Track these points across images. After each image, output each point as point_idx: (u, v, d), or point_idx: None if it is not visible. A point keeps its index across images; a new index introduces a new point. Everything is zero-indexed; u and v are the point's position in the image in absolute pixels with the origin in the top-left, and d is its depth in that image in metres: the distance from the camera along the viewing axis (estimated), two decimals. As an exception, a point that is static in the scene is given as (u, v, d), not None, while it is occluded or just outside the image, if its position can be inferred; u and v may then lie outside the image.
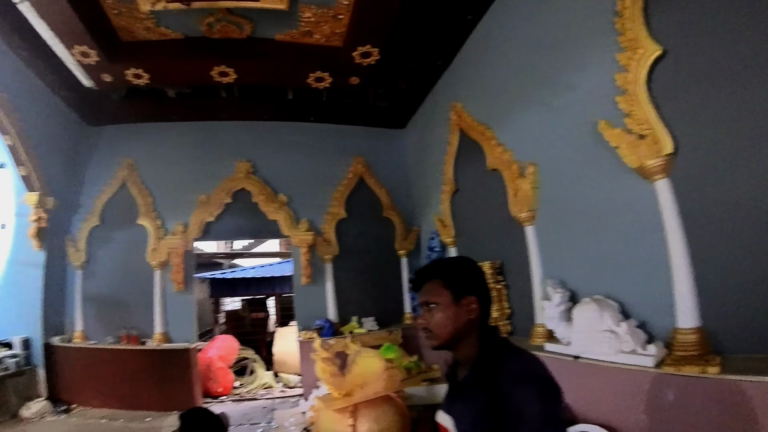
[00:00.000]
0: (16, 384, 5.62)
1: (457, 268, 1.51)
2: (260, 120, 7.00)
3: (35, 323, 5.98)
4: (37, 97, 5.80)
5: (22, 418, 5.48)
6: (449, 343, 1.43)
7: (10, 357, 5.65)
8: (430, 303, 1.45)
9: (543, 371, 1.28)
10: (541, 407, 1.17)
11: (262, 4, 4.86)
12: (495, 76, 4.57)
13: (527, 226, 3.94)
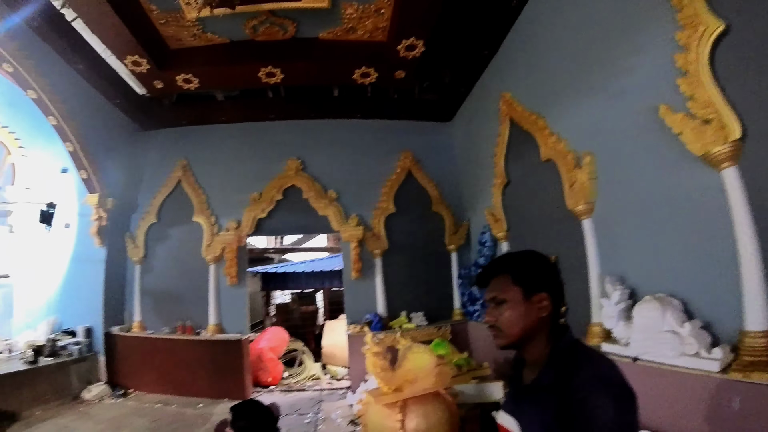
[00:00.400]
0: (78, 369, 6.18)
1: (528, 263, 1.40)
2: (307, 119, 7.13)
3: (97, 314, 6.55)
4: (94, 106, 6.23)
5: (83, 399, 6.01)
6: (518, 342, 1.34)
7: (74, 344, 6.24)
8: (498, 299, 1.36)
9: (619, 377, 1.18)
10: (615, 416, 1.08)
11: (304, 3, 4.92)
12: (545, 63, 4.34)
13: (584, 219, 3.72)
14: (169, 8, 4.91)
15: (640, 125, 3.04)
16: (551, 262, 1.44)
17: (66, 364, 5.93)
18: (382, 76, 5.93)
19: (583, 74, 3.75)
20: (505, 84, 5.15)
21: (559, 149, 4.01)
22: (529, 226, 4.90)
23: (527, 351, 1.36)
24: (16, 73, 5.04)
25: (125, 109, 6.72)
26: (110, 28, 4.78)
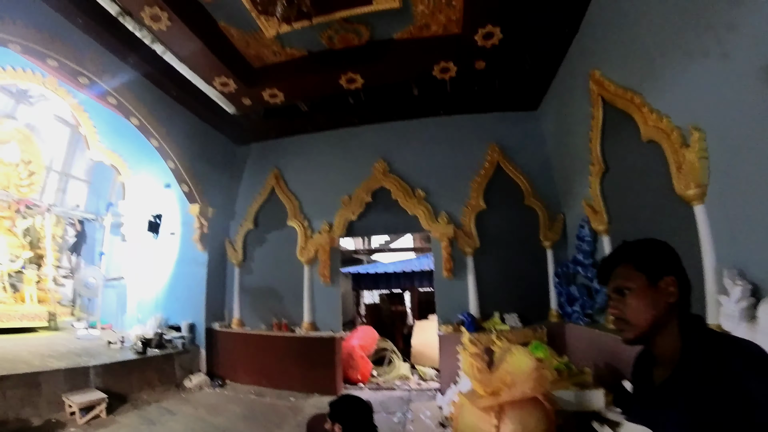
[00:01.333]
0: (181, 360, 6.87)
1: (649, 248, 1.31)
2: (390, 120, 7.20)
3: (200, 311, 7.31)
4: (190, 126, 6.96)
5: (185, 387, 6.66)
6: (647, 333, 1.24)
7: (179, 338, 7.01)
8: (622, 289, 1.28)
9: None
10: None
11: (376, 6, 4.93)
12: (633, 32, 3.85)
13: (696, 205, 3.22)
14: (248, 30, 5.26)
15: (753, 90, 2.55)
16: (673, 248, 1.31)
17: (171, 356, 6.67)
18: (462, 69, 5.73)
19: (677, 39, 3.26)
20: (593, 62, 4.66)
21: (662, 127, 3.51)
22: (632, 217, 4.37)
23: (657, 345, 1.26)
24: (120, 105, 5.89)
25: (218, 127, 7.43)
26: (197, 56, 5.31)
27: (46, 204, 8.37)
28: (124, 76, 5.67)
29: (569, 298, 5.74)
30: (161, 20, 4.69)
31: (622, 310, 1.26)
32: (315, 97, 6.69)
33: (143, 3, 4.48)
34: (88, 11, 4.73)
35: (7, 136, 7.95)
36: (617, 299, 1.29)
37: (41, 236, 8.38)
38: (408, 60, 5.70)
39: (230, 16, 5.14)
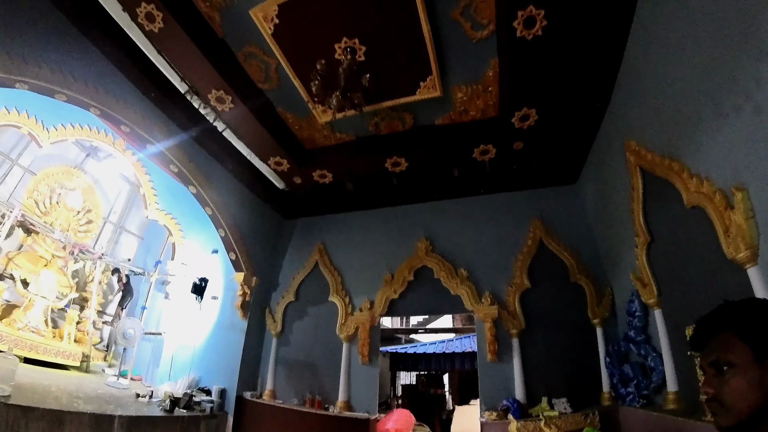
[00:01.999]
0: (208, 424, 6.64)
1: (758, 313, 1.10)
2: (432, 200, 7.40)
3: (232, 377, 7.18)
4: (242, 199, 7.47)
5: None
6: (749, 421, 1.03)
7: (208, 401, 6.81)
8: (720, 363, 1.08)
9: None
10: None
11: (419, 96, 5.40)
12: (665, 97, 3.90)
13: (749, 267, 2.99)
14: (303, 115, 5.86)
15: None
16: None
17: (198, 418, 6.46)
18: (501, 151, 5.98)
19: (708, 99, 3.27)
20: (627, 131, 4.71)
21: (704, 191, 3.40)
22: (684, 286, 4.07)
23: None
24: (180, 173, 6.46)
25: (268, 200, 7.97)
26: (255, 136, 5.92)
27: (99, 252, 8.90)
28: (187, 147, 6.35)
29: (622, 379, 5.15)
30: (225, 102, 5.35)
31: (719, 390, 1.07)
32: (361, 177, 7.09)
33: (210, 86, 5.19)
34: (162, 86, 5.48)
35: (74, 184, 8.78)
36: (713, 375, 1.10)
37: (89, 280, 8.86)
38: (449, 144, 6.03)
39: (287, 103, 5.78)
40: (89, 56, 5.07)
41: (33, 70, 4.51)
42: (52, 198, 8.31)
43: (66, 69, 4.83)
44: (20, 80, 4.48)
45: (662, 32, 3.75)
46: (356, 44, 4.88)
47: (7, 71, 4.29)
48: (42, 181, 8.13)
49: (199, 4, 4.67)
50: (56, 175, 8.43)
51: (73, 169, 8.80)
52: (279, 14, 4.59)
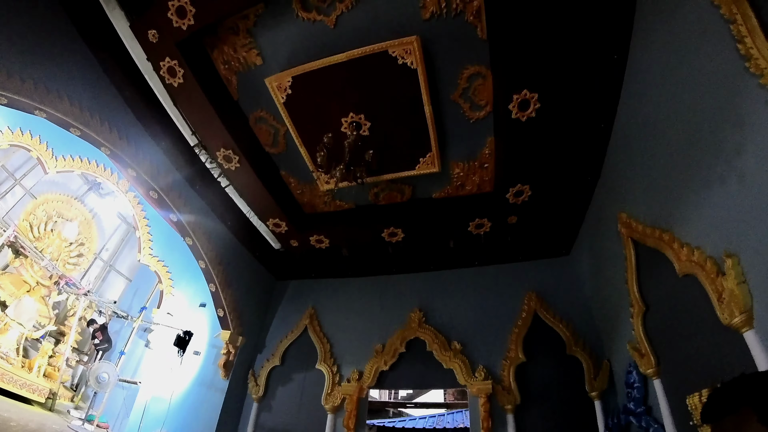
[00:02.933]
0: None
1: None
2: (427, 271, 7.43)
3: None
4: (237, 255, 7.43)
5: None
6: None
7: None
8: None
9: None
10: None
11: (419, 171, 5.68)
12: (654, 169, 4.19)
13: (745, 332, 3.05)
14: (305, 181, 6.06)
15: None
16: None
17: None
18: (496, 225, 6.19)
19: (694, 170, 3.53)
20: (618, 204, 4.95)
21: (695, 260, 3.55)
22: (682, 355, 4.06)
23: None
24: (178, 223, 6.52)
25: (262, 260, 7.94)
26: (257, 196, 6.10)
27: (85, 287, 8.50)
28: (189, 198, 6.48)
29: (623, 454, 4.95)
30: (232, 161, 5.56)
31: None
32: (357, 245, 7.18)
33: (220, 144, 5.42)
34: (173, 137, 5.76)
35: (72, 215, 8.61)
36: None
37: (69, 314, 8.41)
38: (445, 217, 6.23)
39: (292, 168, 6.01)
40: (109, 97, 5.37)
41: (53, 101, 4.75)
42: (48, 225, 8.18)
43: (85, 105, 5.09)
44: (40, 108, 4.69)
45: (648, 107, 4.10)
46: (362, 119, 5.23)
47: (29, 98, 4.51)
48: (41, 206, 8.05)
49: (219, 67, 5.05)
50: (56, 202, 8.37)
51: (73, 200, 8.75)
52: (292, 85, 4.96)
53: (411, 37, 4.41)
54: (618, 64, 4.35)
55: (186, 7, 4.36)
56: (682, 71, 3.47)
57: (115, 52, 4.98)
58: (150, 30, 4.64)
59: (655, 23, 3.79)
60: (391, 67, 4.62)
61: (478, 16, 4.32)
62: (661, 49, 3.75)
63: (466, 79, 4.86)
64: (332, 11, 4.52)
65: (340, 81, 4.87)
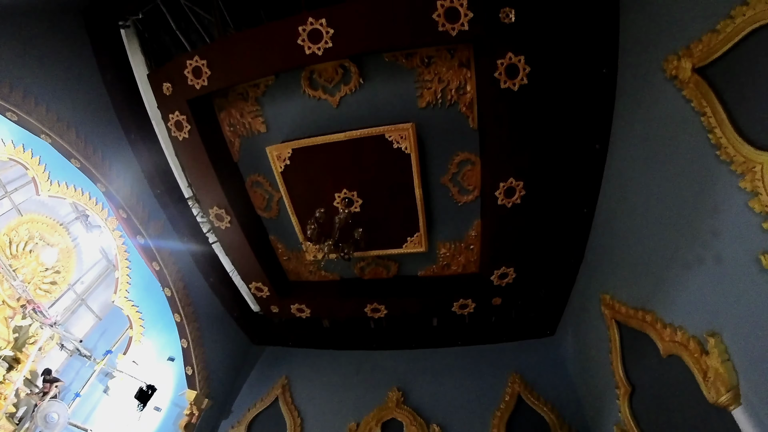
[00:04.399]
0: None
1: None
2: (409, 348, 7.24)
3: None
4: (214, 314, 7.20)
5: None
6: None
7: None
8: None
9: None
10: None
11: (406, 249, 5.80)
12: (635, 252, 4.43)
13: (733, 409, 3.12)
14: (293, 248, 6.14)
15: (752, 282, 2.89)
16: None
17: None
18: (480, 305, 6.20)
19: (674, 252, 3.77)
20: (601, 286, 5.12)
21: (678, 340, 3.67)
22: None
23: None
24: (161, 273, 6.36)
25: (240, 322, 7.63)
26: (243, 257, 6.12)
27: (53, 318, 7.81)
28: (175, 250, 6.41)
29: None
30: (224, 220, 5.63)
31: None
32: (339, 318, 7.05)
33: (214, 202, 5.52)
34: (169, 186, 5.95)
35: (55, 240, 8.20)
36: None
37: (29, 342, 7.53)
38: (430, 296, 6.24)
39: (281, 234, 6.10)
40: (114, 136, 5.54)
41: (61, 130, 4.87)
42: (28, 245, 7.80)
43: (90, 140, 5.21)
44: (47, 133, 4.81)
45: (628, 193, 4.43)
46: (354, 196, 5.43)
47: (39, 121, 4.65)
48: (25, 225, 7.73)
49: (225, 128, 5.34)
50: (41, 224, 8.07)
51: (59, 225, 8.44)
52: (291, 156, 5.19)
53: (407, 124, 4.76)
54: (599, 153, 4.79)
55: (202, 69, 4.66)
56: (660, 159, 3.84)
57: (129, 94, 5.34)
58: (165, 82, 4.90)
59: (634, 115, 4.25)
60: (386, 150, 4.92)
61: (470, 108, 4.76)
62: (639, 139, 4.18)
63: (456, 165, 5.19)
64: (336, 92, 4.90)
65: (338, 158, 5.12)
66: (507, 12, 3.92)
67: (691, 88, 3.22)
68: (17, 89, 4.48)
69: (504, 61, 4.11)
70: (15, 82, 4.49)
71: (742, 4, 2.66)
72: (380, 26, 4.15)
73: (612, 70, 4.35)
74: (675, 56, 3.37)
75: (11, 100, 4.46)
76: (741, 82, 2.84)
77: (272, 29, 4.45)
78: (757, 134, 2.70)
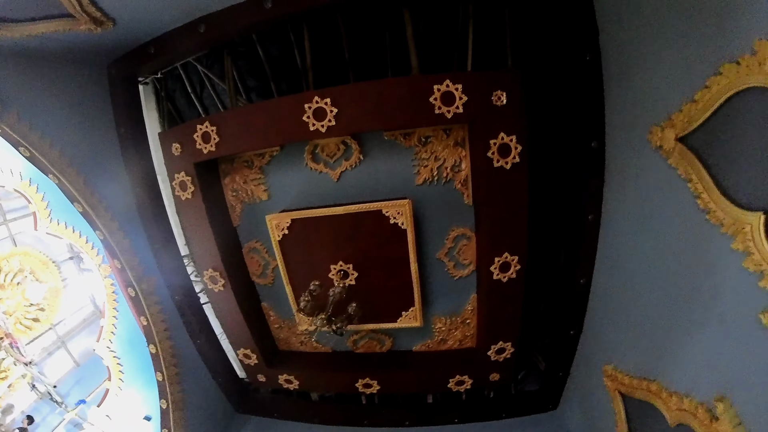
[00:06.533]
0: None
1: None
2: (402, 426, 6.78)
3: None
4: (198, 378, 6.76)
5: None
6: None
7: None
8: None
9: None
10: None
11: (401, 323, 5.71)
12: (634, 322, 4.40)
13: None
14: (285, 317, 6.03)
15: (754, 340, 2.89)
16: None
17: None
18: (477, 382, 6.02)
19: (674, 316, 3.76)
20: (603, 356, 5.01)
21: (686, 408, 3.57)
22: None
23: None
24: (147, 328, 6.09)
25: (224, 388, 7.12)
26: (233, 322, 5.96)
27: (29, 357, 7.49)
28: (166, 308, 6.20)
29: None
30: (217, 283, 5.57)
31: None
32: (329, 391, 6.75)
33: (209, 264, 5.51)
34: (167, 243, 5.97)
35: (45, 278, 8.00)
36: None
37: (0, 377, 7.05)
38: (425, 372, 6.05)
39: (274, 301, 6.01)
40: (120, 189, 5.61)
41: (71, 175, 4.95)
42: (17, 277, 7.63)
43: (97, 189, 5.29)
44: (55, 175, 4.88)
45: (624, 261, 4.49)
46: (350, 269, 5.43)
47: (51, 163, 4.75)
48: (17, 256, 7.57)
49: (228, 193, 5.49)
50: (34, 259, 7.94)
51: (51, 263, 8.29)
52: (290, 226, 5.25)
53: (404, 200, 4.89)
54: (593, 224, 4.92)
55: (211, 135, 4.89)
56: (653, 226, 3.98)
57: (139, 148, 5.51)
58: (175, 143, 5.11)
59: (624, 185, 4.45)
60: (383, 225, 5.01)
61: (465, 185, 4.97)
62: (632, 208, 4.34)
63: (452, 240, 5.28)
64: (338, 167, 5.10)
65: (335, 231, 5.19)
66: (499, 95, 4.26)
67: (676, 157, 3.43)
68: (35, 129, 4.64)
69: (497, 140, 4.39)
70: (34, 122, 4.66)
71: (716, 75, 2.93)
72: (381, 107, 4.44)
73: (601, 143, 4.60)
74: (659, 127, 3.63)
75: (28, 139, 4.64)
76: (722, 147, 3.05)
77: (280, 104, 4.74)
78: (743, 195, 2.87)
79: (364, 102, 4.46)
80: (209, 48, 5.45)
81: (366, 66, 5.46)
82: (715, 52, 2.95)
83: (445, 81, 4.24)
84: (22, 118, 4.55)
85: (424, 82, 4.31)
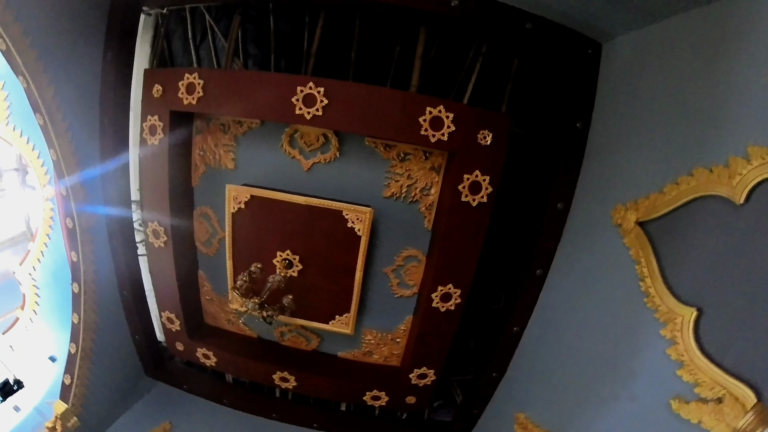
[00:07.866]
0: None
1: None
2: (310, 427, 6.72)
3: None
4: (115, 329, 6.37)
5: None
6: None
7: None
8: None
9: None
10: None
11: (332, 327, 5.65)
12: (554, 379, 4.55)
13: None
14: (219, 292, 5.86)
15: (661, 424, 3.05)
16: None
17: None
18: (393, 401, 6.02)
19: (591, 387, 3.93)
20: (519, 404, 5.14)
21: None
22: None
23: None
24: (76, 264, 5.66)
25: (139, 348, 6.75)
26: (165, 284, 5.73)
27: None
28: (99, 247, 5.85)
29: None
30: (160, 238, 5.43)
31: None
32: (245, 376, 6.60)
33: (156, 218, 5.38)
34: (118, 185, 5.79)
35: None
36: None
37: None
38: (344, 379, 6.01)
39: (211, 273, 5.84)
40: (88, 113, 5.38)
41: (41, 81, 4.67)
42: None
43: (63, 104, 4.98)
44: (25, 78, 4.56)
45: (559, 321, 4.65)
46: (296, 261, 5.33)
47: (25, 65, 4.45)
48: None
49: (195, 153, 5.36)
50: None
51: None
52: (248, 202, 5.10)
53: (367, 208, 4.86)
54: (539, 279, 5.06)
55: (197, 87, 4.69)
56: (594, 294, 4.16)
57: (120, 78, 5.27)
58: (158, 84, 4.88)
59: (578, 249, 4.63)
60: (340, 226, 4.98)
61: (430, 210, 5.02)
62: (578, 271, 4.52)
63: (403, 259, 5.31)
64: (312, 158, 5.03)
65: (291, 219, 5.11)
66: (485, 134, 4.34)
67: (632, 238, 3.63)
68: (20, 21, 4.25)
69: (471, 176, 4.46)
70: (21, 13, 4.26)
71: (688, 175, 3.14)
72: (370, 113, 4.42)
73: (567, 206, 4.77)
74: (623, 207, 3.82)
75: (9, 29, 4.22)
76: (675, 242, 3.26)
77: (274, 79, 4.64)
78: (683, 289, 3.06)
79: (356, 103, 4.43)
80: (224, 1, 5.32)
81: (368, 70, 5.43)
82: (693, 155, 3.14)
83: (439, 106, 4.28)
84: (9, 5, 4.12)
85: (419, 101, 4.35)
